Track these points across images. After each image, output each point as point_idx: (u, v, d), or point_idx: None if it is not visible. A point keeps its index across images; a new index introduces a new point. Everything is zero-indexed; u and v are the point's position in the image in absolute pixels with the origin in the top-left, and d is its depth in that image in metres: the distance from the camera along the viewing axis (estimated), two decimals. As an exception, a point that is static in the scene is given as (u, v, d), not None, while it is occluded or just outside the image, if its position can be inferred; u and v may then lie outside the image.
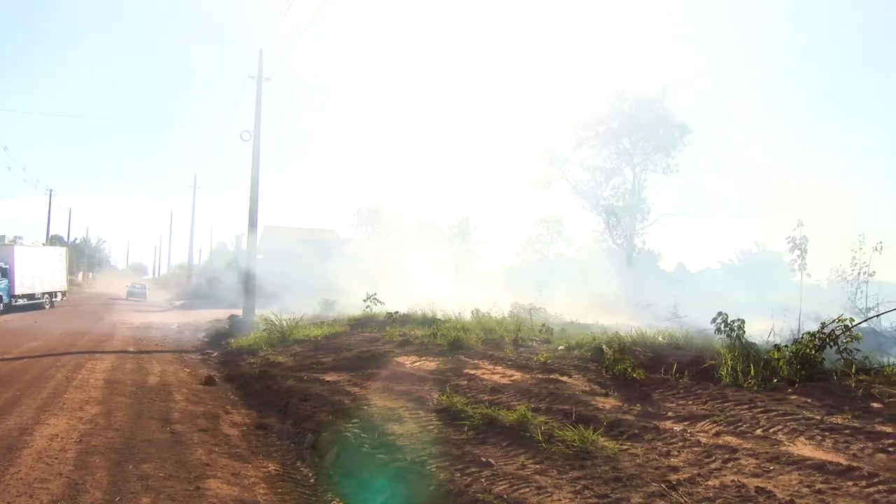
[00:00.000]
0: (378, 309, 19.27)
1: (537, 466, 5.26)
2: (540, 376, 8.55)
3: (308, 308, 21.31)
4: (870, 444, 5.10)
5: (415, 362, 10.51)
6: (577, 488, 4.69)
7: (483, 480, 5.04)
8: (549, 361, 9.41)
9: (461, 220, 67.84)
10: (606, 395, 7.49)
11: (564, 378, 8.37)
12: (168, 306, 44.04)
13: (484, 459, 5.51)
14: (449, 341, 11.54)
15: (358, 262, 34.92)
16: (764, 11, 70.12)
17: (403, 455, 5.87)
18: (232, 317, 23.75)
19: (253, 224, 25.92)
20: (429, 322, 14.35)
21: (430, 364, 10.20)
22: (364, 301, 20.05)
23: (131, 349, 16.37)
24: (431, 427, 6.72)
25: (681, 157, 44.40)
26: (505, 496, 4.67)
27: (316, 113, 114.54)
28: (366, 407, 7.77)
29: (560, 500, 4.52)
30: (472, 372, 9.26)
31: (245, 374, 11.83)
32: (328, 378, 10.03)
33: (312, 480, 6.17)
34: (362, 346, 12.71)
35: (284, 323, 16.50)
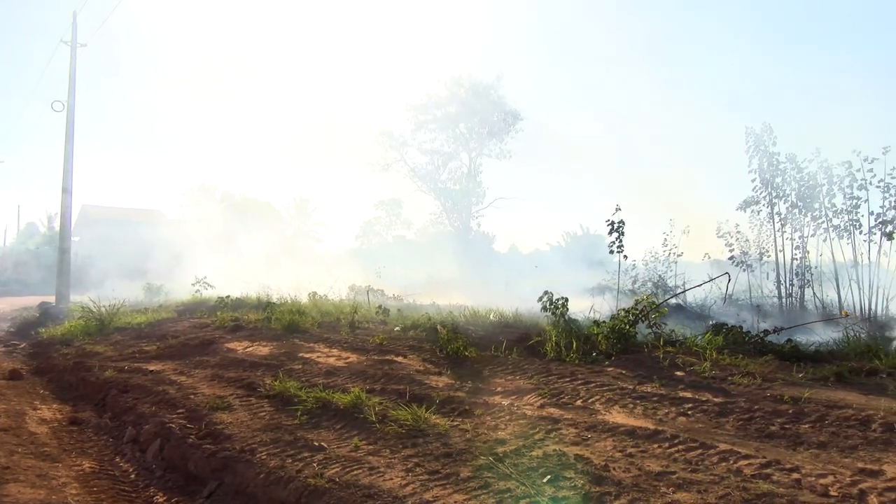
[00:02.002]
0: (209, 293, 18.51)
1: (371, 447, 5.27)
2: (376, 358, 8.58)
3: (131, 293, 20.01)
4: (673, 409, 5.61)
5: (247, 348, 10.17)
6: (408, 466, 4.74)
7: (315, 465, 4.97)
8: (385, 343, 9.47)
9: (300, 201, 66.62)
10: (440, 373, 7.66)
11: (399, 358, 8.46)
12: (-34, 294, 39.52)
13: (317, 444, 5.44)
14: (284, 325, 11.28)
15: (188, 244, 33.25)
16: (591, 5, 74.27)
17: (233, 444, 5.65)
18: (43, 304, 21.72)
19: (67, 202, 23.84)
20: (263, 306, 13.93)
21: (264, 349, 9.92)
22: (193, 285, 19.17)
23: (-83, 343, 14.50)
24: (263, 413, 6.53)
25: (514, 143, 46.37)
26: (337, 479, 4.63)
27: (141, 85, 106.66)
28: (193, 396, 7.41)
29: (392, 479, 4.55)
30: (308, 355, 9.11)
31: (57, 367, 10.85)
32: (152, 367, 9.45)
33: (133, 476, 5.79)
34: (190, 333, 12.12)
35: (104, 310, 15.30)
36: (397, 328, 10.89)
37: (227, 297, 16.08)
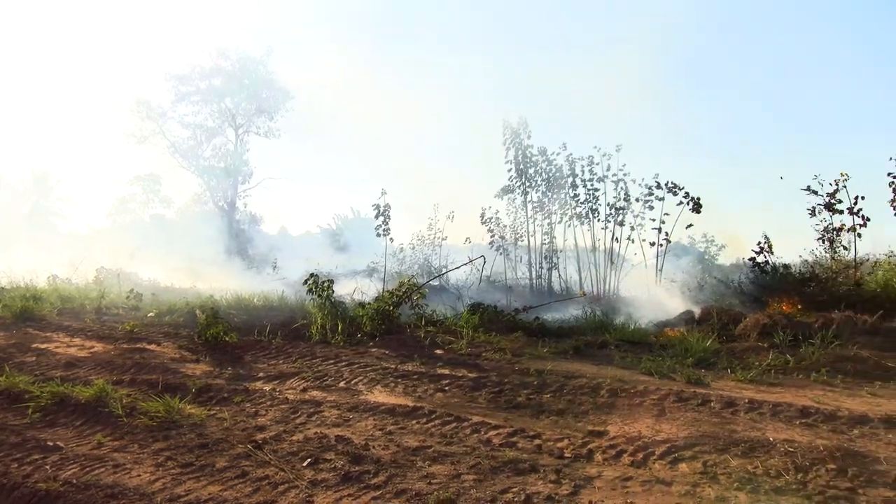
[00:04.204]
0: (-82, 278, 15.86)
1: (116, 443, 4.86)
2: (125, 346, 7.94)
3: None
4: (432, 386, 5.86)
5: (-33, 340, 8.87)
6: (159, 460, 4.45)
7: (48, 467, 4.47)
8: (136, 330, 8.80)
9: (39, 173, 59.22)
10: (197, 360, 7.28)
11: (153, 346, 7.92)
12: None
13: (51, 443, 4.89)
14: (15, 312, 10.00)
15: None
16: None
17: (-58, 452, 4.89)
18: None
19: None
20: (-11, 291, 12.26)
21: (-12, 340, 8.72)
22: None
23: None
24: (-16, 414, 5.73)
25: (284, 122, 45.19)
26: (75, 481, 4.21)
27: None
28: None
29: (140, 475, 4.23)
30: (44, 346, 8.18)
31: None
32: None
33: None
34: None
35: None
36: (151, 314, 10.17)
37: (-57, 282, 13.92)
